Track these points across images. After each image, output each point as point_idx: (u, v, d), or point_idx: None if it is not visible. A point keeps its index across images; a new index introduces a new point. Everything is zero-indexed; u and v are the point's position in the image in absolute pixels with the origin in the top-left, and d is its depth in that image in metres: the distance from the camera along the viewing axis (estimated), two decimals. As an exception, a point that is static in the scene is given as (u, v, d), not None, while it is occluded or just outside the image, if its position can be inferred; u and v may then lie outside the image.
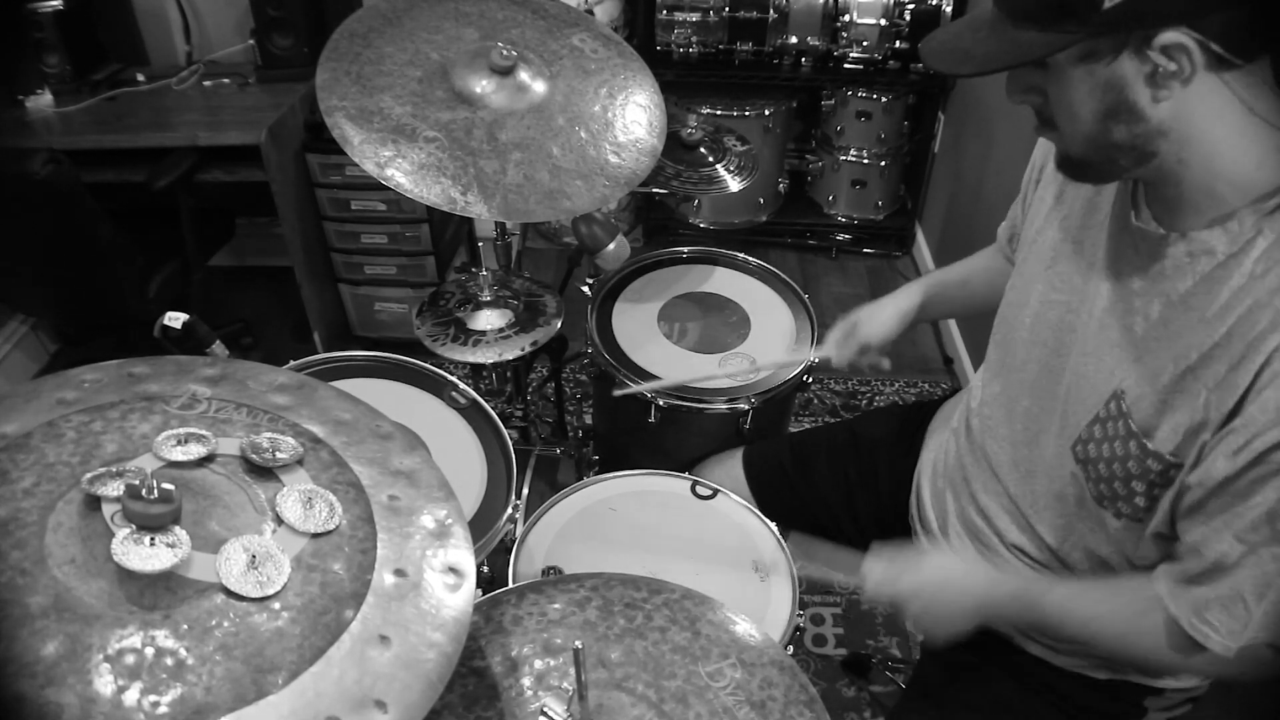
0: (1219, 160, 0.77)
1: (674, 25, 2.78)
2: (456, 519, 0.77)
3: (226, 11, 2.61)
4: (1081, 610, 0.95)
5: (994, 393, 1.09)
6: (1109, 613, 0.93)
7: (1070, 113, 0.80)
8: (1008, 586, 1.00)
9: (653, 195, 2.82)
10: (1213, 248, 0.80)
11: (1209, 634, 0.83)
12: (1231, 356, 0.78)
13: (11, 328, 2.58)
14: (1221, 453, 0.79)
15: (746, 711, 0.83)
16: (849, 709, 1.75)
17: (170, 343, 1.10)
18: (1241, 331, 0.78)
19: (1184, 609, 0.85)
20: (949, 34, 0.84)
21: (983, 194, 2.50)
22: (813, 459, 1.36)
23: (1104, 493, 0.91)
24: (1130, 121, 0.77)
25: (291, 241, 2.38)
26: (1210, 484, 0.80)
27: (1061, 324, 0.97)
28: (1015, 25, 0.76)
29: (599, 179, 1.26)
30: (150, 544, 0.65)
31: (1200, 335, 0.81)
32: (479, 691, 0.83)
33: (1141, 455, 0.86)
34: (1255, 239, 0.77)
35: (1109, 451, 0.89)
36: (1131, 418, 0.86)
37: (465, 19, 1.35)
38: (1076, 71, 0.76)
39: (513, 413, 1.79)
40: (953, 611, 1.00)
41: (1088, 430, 0.92)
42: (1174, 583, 0.86)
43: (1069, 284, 0.97)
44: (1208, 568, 0.82)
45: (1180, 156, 0.78)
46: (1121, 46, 0.73)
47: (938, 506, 1.17)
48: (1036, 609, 0.96)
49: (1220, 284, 0.80)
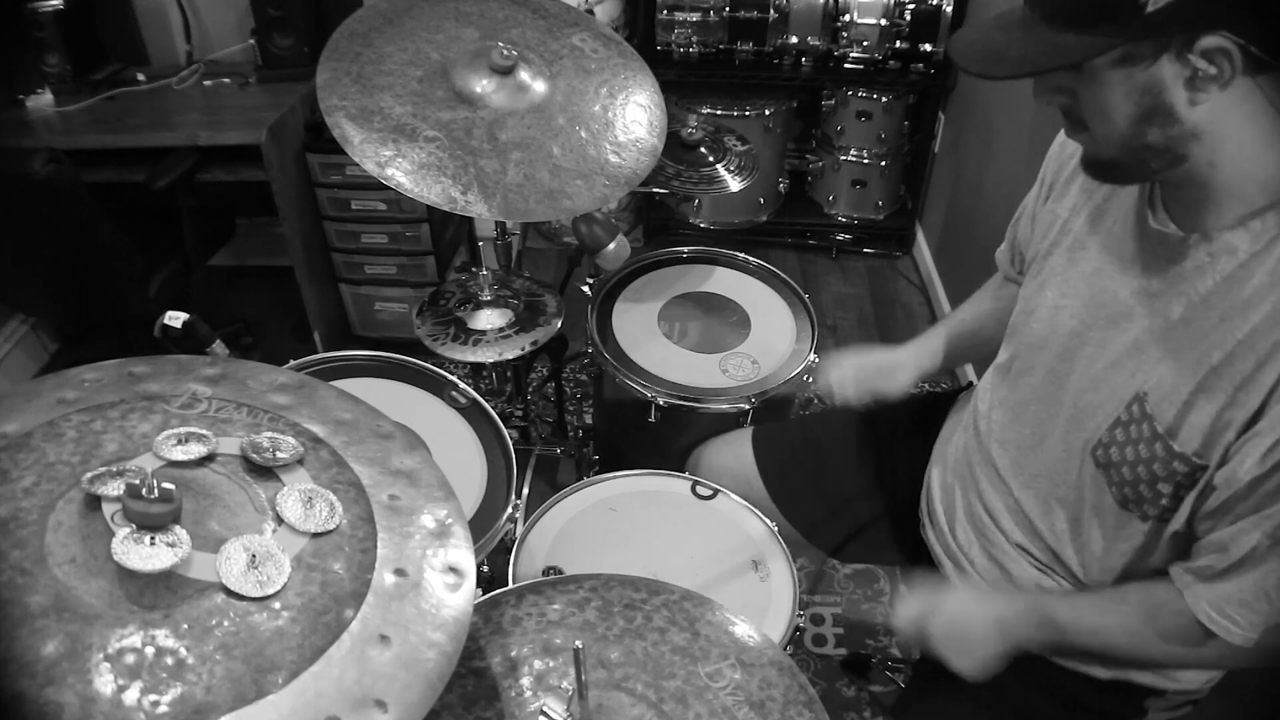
0: (1248, 161, 0.77)
1: (674, 25, 2.78)
2: (456, 519, 0.77)
3: (227, 11, 2.61)
4: (1089, 620, 0.95)
5: (1000, 397, 1.09)
6: (1118, 622, 0.94)
7: (1104, 115, 0.78)
8: (1021, 604, 1.01)
9: (653, 195, 2.82)
10: (1235, 247, 0.80)
11: (1230, 628, 0.84)
12: (1257, 355, 0.78)
13: (11, 327, 2.58)
14: (1249, 454, 0.79)
15: (746, 712, 0.83)
16: (849, 709, 1.75)
17: (170, 342, 1.10)
18: (1265, 329, 0.78)
19: (1204, 604, 0.85)
20: (978, 33, 0.82)
21: (983, 194, 2.50)
22: (825, 441, 1.35)
23: (1129, 496, 0.91)
24: (1165, 124, 0.76)
25: (292, 241, 2.38)
26: (1237, 484, 0.80)
27: (1070, 329, 0.97)
28: (1051, 27, 0.75)
29: (599, 179, 1.27)
30: (150, 543, 0.65)
31: (1223, 335, 0.81)
32: (478, 692, 0.83)
33: (1167, 457, 0.86)
34: (1278, 237, 0.78)
35: (1133, 454, 0.89)
36: (1155, 420, 0.86)
37: (465, 19, 1.35)
38: (1114, 75, 0.75)
39: (513, 412, 1.79)
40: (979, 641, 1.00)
41: (1109, 434, 0.91)
42: (1194, 579, 0.87)
43: (1077, 289, 0.97)
44: (1233, 564, 0.83)
45: (1211, 159, 0.78)
46: (1162, 50, 0.72)
47: (946, 501, 1.17)
48: (1051, 623, 0.97)
49: (1243, 283, 0.80)
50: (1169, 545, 0.92)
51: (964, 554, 1.13)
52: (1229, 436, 0.81)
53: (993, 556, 1.09)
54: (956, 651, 1.01)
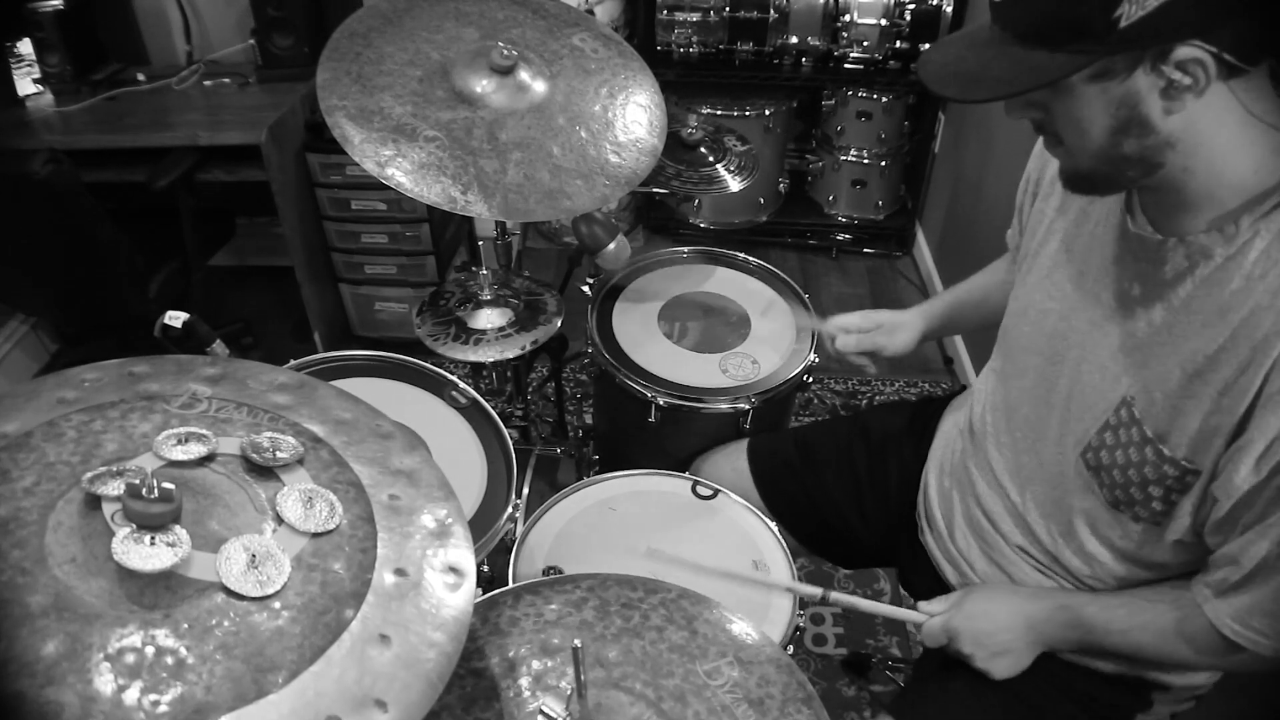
0: (1221, 165, 0.77)
1: (674, 25, 2.78)
2: (456, 518, 0.77)
3: (226, 11, 2.61)
4: (1120, 621, 0.95)
5: (995, 400, 1.09)
6: (1148, 622, 0.93)
7: (1079, 129, 0.78)
8: (1050, 601, 1.01)
9: (653, 195, 2.82)
10: (1211, 251, 0.80)
11: (1257, 639, 0.83)
12: (1239, 360, 0.78)
13: (11, 327, 2.58)
14: (1243, 463, 0.79)
15: (744, 709, 0.83)
16: (849, 708, 1.75)
17: (170, 342, 1.10)
18: (1246, 334, 0.77)
19: (1226, 618, 0.85)
20: (948, 55, 0.81)
21: (983, 194, 2.50)
22: (820, 452, 1.35)
23: (1120, 498, 0.91)
24: (1141, 135, 0.76)
25: (292, 241, 2.38)
26: (1237, 495, 0.80)
27: (1056, 332, 0.97)
28: (1025, 46, 0.74)
29: (599, 179, 1.27)
30: (150, 543, 0.65)
31: (1204, 339, 0.81)
32: (477, 692, 0.83)
33: (1158, 461, 0.86)
34: (1253, 240, 0.77)
35: (1123, 458, 0.89)
36: (1144, 424, 0.86)
37: (465, 19, 1.35)
38: (1089, 90, 0.75)
39: (513, 412, 1.79)
40: (1006, 638, 1.00)
41: (1098, 437, 0.92)
42: (1213, 594, 0.86)
43: (1063, 292, 0.97)
44: (1246, 575, 0.82)
45: (1185, 165, 0.78)
46: (1137, 63, 0.72)
47: (944, 504, 1.17)
48: (1080, 624, 0.97)
49: (1220, 287, 0.80)
50: (1175, 550, 0.92)
51: (964, 558, 1.12)
52: (1218, 443, 0.81)
53: (993, 559, 1.09)
54: (985, 653, 1.01)
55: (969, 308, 1.33)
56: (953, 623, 1.03)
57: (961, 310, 1.33)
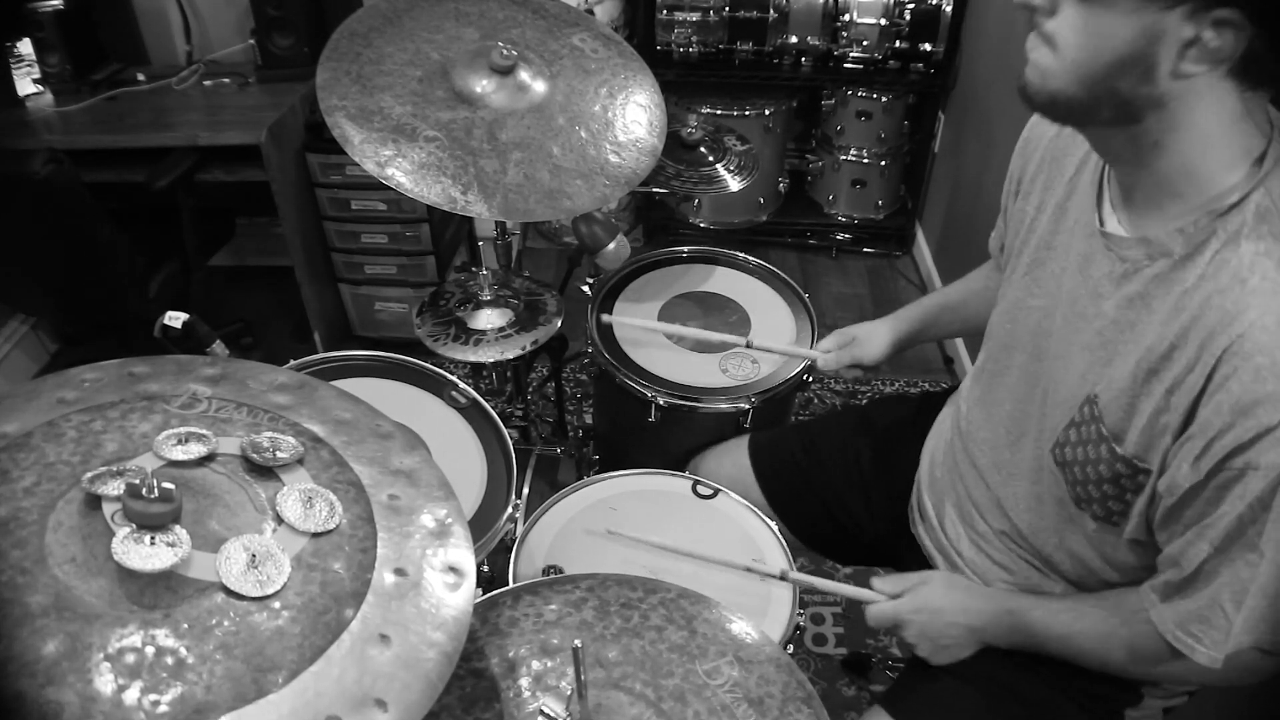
0: (1194, 153, 0.77)
1: (674, 25, 2.78)
2: (456, 518, 0.77)
3: (226, 11, 2.61)
4: (1061, 626, 0.97)
5: (976, 396, 1.10)
6: (1088, 628, 0.95)
7: (1086, 40, 0.74)
8: (996, 604, 1.03)
9: (653, 195, 2.82)
10: (1170, 249, 0.80)
11: (1194, 646, 0.83)
12: (1187, 358, 0.78)
13: (11, 327, 2.58)
14: (1184, 459, 0.79)
15: (744, 709, 0.83)
16: (849, 708, 1.75)
17: (170, 342, 1.10)
18: (1195, 333, 0.77)
19: (1169, 623, 0.85)
20: None
21: (983, 194, 2.50)
22: (823, 444, 1.35)
23: (1081, 495, 0.92)
24: (1140, 80, 0.73)
25: (291, 241, 2.38)
26: (1178, 492, 0.80)
27: (1038, 329, 0.98)
28: None
29: (599, 178, 1.27)
30: (150, 543, 0.65)
31: (1158, 336, 0.81)
32: (477, 693, 0.83)
33: (1112, 459, 0.86)
34: (1209, 240, 0.77)
35: (1084, 455, 0.90)
36: (1103, 422, 0.87)
37: (465, 19, 1.35)
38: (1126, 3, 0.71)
39: (513, 412, 1.79)
40: (949, 636, 1.03)
41: (1064, 434, 0.92)
42: (1158, 597, 0.87)
43: (1044, 288, 0.97)
44: (1186, 578, 0.83)
45: (1159, 139, 0.77)
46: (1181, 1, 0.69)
47: (935, 495, 1.18)
48: (1023, 629, 0.99)
49: (1177, 285, 0.80)
50: (1134, 553, 0.92)
51: (953, 547, 1.13)
52: (1165, 441, 0.81)
53: (981, 549, 1.10)
54: (929, 645, 1.05)
55: (946, 312, 1.34)
56: (901, 614, 1.06)
57: (938, 315, 1.35)
